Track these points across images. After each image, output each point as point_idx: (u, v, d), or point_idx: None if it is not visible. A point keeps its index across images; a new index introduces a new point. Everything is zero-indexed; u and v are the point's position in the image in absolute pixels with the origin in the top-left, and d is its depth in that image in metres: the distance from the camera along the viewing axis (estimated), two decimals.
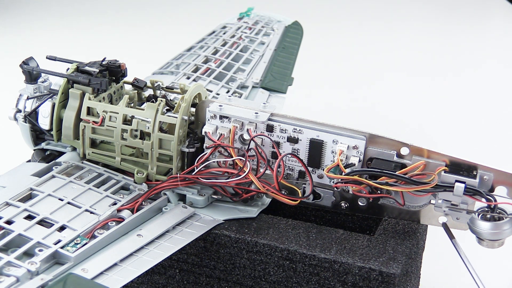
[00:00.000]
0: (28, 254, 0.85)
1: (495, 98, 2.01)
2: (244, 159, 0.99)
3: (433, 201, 0.97)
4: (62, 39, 2.39)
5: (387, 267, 0.93)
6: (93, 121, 1.03)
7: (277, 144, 1.01)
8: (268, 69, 1.44)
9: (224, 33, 1.58)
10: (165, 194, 1.02)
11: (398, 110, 1.88)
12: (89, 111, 1.04)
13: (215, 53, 1.46)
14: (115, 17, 2.65)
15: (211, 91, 1.29)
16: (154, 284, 1.06)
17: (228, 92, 1.32)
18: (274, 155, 1.02)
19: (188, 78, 1.34)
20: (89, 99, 1.04)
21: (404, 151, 0.97)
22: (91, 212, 0.94)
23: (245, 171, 0.97)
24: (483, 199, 0.93)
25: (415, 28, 2.66)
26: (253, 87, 1.37)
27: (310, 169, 1.01)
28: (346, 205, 1.01)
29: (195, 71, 1.37)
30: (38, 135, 1.12)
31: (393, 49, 2.40)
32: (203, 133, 1.02)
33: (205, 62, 1.42)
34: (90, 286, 0.81)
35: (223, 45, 1.50)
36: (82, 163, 1.06)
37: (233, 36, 1.56)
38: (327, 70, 2.16)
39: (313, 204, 1.03)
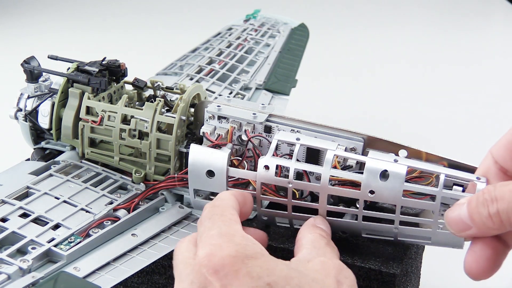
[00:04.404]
0: (21, 252, 0.85)
1: (495, 100, 1.99)
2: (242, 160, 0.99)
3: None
4: (72, 39, 2.40)
5: (387, 267, 0.92)
6: (92, 121, 1.04)
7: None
8: (272, 71, 1.44)
9: (229, 35, 1.58)
10: (162, 194, 1.02)
11: (397, 112, 1.87)
12: (88, 111, 1.04)
13: (219, 54, 1.46)
14: (123, 19, 2.66)
15: (213, 92, 1.29)
16: (154, 284, 1.06)
17: (231, 93, 1.32)
18: None
19: (191, 79, 1.34)
20: (89, 98, 1.04)
21: (402, 153, 0.96)
22: (87, 211, 0.94)
23: None
24: None
25: (415, 29, 2.65)
26: (256, 88, 1.37)
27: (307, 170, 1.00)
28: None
29: (199, 72, 1.37)
30: (38, 134, 1.12)
31: (393, 50, 2.39)
32: (201, 134, 1.02)
33: (209, 63, 1.42)
34: (80, 284, 0.81)
35: (228, 46, 1.50)
36: (81, 162, 1.06)
37: (238, 38, 1.56)
38: (332, 72, 2.16)
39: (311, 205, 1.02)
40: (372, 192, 0.88)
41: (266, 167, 0.91)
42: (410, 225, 0.90)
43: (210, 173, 0.93)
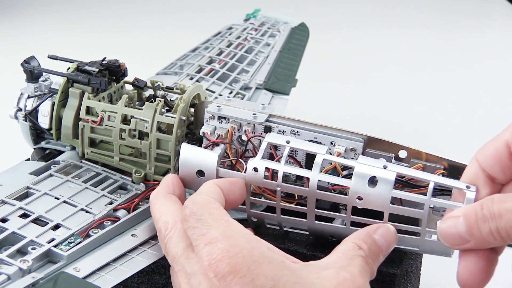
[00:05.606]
0: (21, 252, 0.84)
1: (496, 100, 1.99)
2: (242, 160, 0.98)
3: (431, 205, 0.96)
4: (72, 39, 2.40)
5: (387, 267, 0.92)
6: (92, 121, 1.04)
7: (275, 145, 1.00)
8: (272, 71, 1.44)
9: (229, 34, 1.58)
10: None
11: (396, 112, 1.87)
12: (88, 111, 1.04)
13: (219, 54, 1.46)
14: (123, 19, 2.66)
15: (213, 92, 1.29)
16: (154, 284, 1.06)
17: (231, 93, 1.32)
18: (272, 157, 1.01)
19: (191, 78, 1.34)
20: (89, 98, 1.04)
21: (402, 154, 0.96)
22: (87, 211, 0.94)
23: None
24: None
25: (414, 29, 2.65)
26: (256, 88, 1.37)
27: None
28: (345, 207, 1.00)
29: (199, 71, 1.37)
30: (38, 134, 1.12)
31: (394, 51, 2.39)
32: (201, 134, 1.02)
33: (209, 63, 1.42)
34: (80, 285, 0.81)
35: (228, 46, 1.50)
36: (81, 162, 1.06)
37: (238, 37, 1.56)
38: (332, 71, 2.16)
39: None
40: (360, 198, 0.88)
41: (255, 169, 0.91)
42: (399, 232, 0.89)
43: (200, 173, 0.94)
